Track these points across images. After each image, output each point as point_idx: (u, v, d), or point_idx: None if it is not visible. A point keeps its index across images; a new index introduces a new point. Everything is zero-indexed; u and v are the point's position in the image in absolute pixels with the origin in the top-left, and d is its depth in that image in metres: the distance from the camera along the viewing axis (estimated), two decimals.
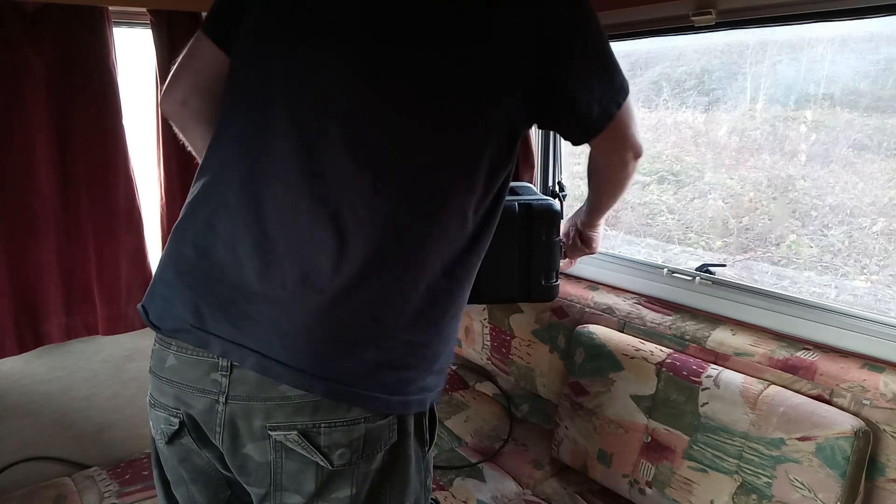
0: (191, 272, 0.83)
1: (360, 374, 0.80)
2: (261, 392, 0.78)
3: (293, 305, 0.78)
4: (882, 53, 1.42)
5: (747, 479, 1.31)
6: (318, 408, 0.78)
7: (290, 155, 0.80)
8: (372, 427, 0.81)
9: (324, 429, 0.79)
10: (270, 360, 0.77)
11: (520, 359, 1.97)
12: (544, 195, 1.53)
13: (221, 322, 0.80)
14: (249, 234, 0.80)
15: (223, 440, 0.82)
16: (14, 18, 1.34)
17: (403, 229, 0.81)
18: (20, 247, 1.44)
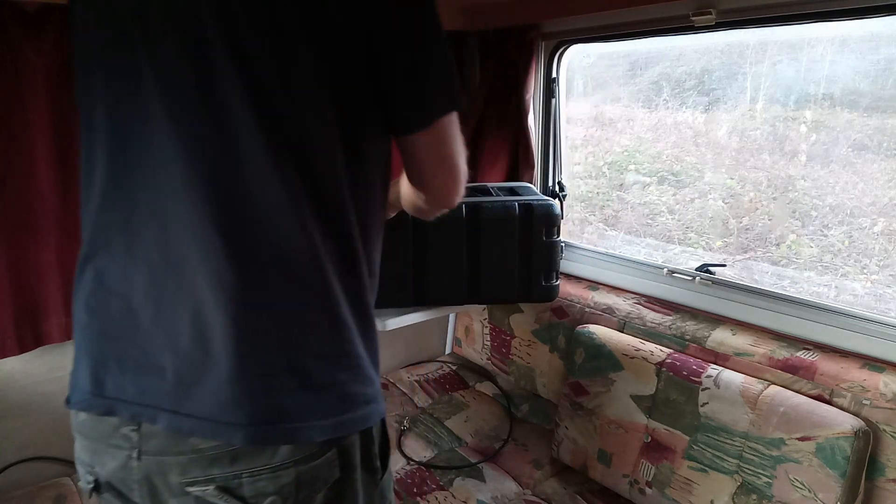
0: (87, 336, 0.77)
1: (281, 407, 0.71)
2: (172, 446, 0.72)
3: (200, 350, 0.71)
4: (882, 53, 1.42)
5: (747, 479, 1.31)
6: (237, 457, 0.70)
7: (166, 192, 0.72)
8: (304, 469, 0.73)
9: (246, 479, 0.71)
10: (182, 416, 0.71)
11: (520, 359, 1.97)
12: (544, 195, 1.54)
13: (123, 384, 0.74)
14: (140, 281, 0.73)
15: (142, 497, 0.76)
16: (14, 18, 1.34)
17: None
18: (20, 247, 1.44)
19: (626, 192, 2.06)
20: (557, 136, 1.97)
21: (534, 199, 1.45)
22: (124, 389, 0.74)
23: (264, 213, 0.70)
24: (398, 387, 2.09)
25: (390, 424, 1.86)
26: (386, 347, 2.25)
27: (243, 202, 0.70)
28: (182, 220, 0.70)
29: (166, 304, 0.72)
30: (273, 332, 0.71)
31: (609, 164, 2.12)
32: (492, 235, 1.43)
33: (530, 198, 1.47)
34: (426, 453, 1.74)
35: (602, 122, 2.11)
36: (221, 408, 0.70)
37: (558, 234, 1.44)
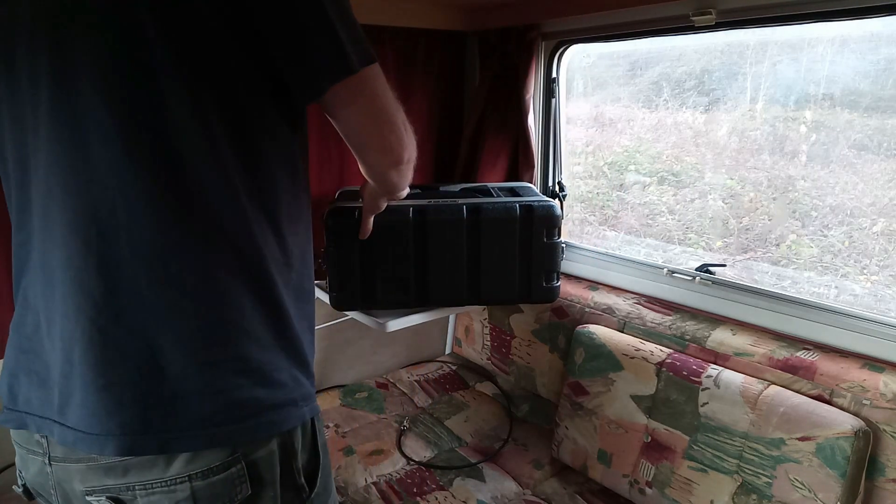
0: (9, 351, 0.78)
1: (154, 416, 0.67)
2: (71, 454, 0.71)
3: (67, 362, 0.70)
4: (882, 53, 1.42)
5: (747, 479, 1.31)
6: (129, 468, 0.68)
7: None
8: (202, 485, 0.68)
9: (139, 492, 0.68)
10: (66, 428, 0.70)
11: (520, 359, 1.97)
12: (545, 196, 1.53)
13: (30, 397, 0.75)
14: (43, 297, 0.72)
15: (59, 502, 0.76)
16: None
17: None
18: None
19: (626, 193, 2.06)
20: (557, 136, 1.97)
21: (534, 199, 1.45)
22: (30, 402, 0.74)
23: (125, 219, 0.67)
24: (398, 387, 2.09)
25: (390, 424, 1.86)
26: (386, 347, 2.27)
27: (102, 210, 0.67)
28: (52, 232, 0.70)
29: (51, 318, 0.71)
30: (137, 337, 0.67)
31: (609, 165, 2.12)
32: (492, 236, 1.42)
33: (531, 198, 1.46)
34: (426, 453, 1.74)
35: (602, 123, 2.11)
36: (90, 419, 0.68)
37: (559, 235, 1.44)
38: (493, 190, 1.57)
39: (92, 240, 0.67)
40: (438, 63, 2.05)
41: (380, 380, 2.12)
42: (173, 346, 0.68)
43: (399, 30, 1.90)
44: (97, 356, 0.67)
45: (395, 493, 1.56)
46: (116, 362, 0.68)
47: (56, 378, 0.71)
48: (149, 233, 0.67)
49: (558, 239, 1.44)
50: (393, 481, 1.61)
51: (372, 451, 1.73)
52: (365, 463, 1.68)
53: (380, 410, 1.94)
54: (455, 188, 1.61)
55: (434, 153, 2.10)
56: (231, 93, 0.68)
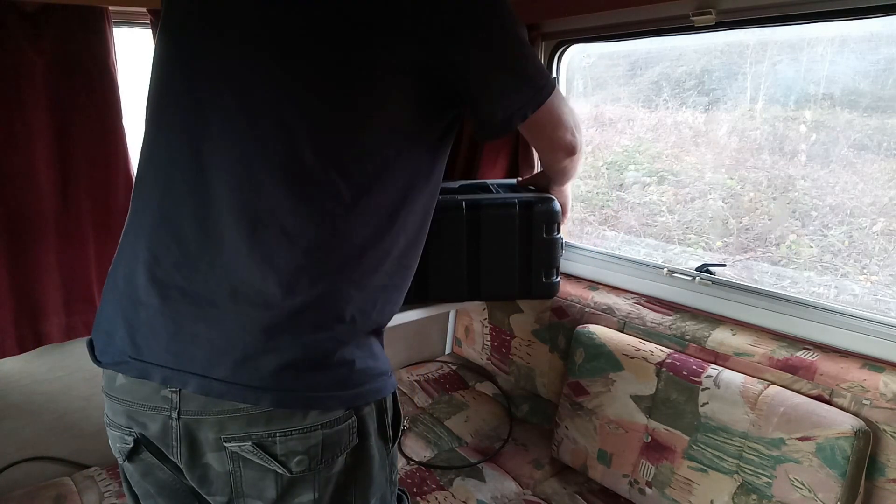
0: (122, 302, 0.83)
1: (306, 378, 0.79)
2: (212, 406, 0.78)
3: (225, 321, 0.78)
4: (882, 53, 1.42)
5: (747, 479, 1.31)
6: (272, 418, 0.78)
7: (199, 168, 0.81)
8: (330, 433, 0.81)
9: (279, 438, 0.79)
10: (211, 380, 0.77)
11: (520, 359, 1.97)
12: (545, 193, 1.54)
13: (157, 349, 0.80)
14: (169, 255, 0.80)
15: (181, 454, 0.82)
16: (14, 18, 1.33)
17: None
18: (20, 247, 1.44)
19: (626, 192, 2.06)
20: None
21: (534, 196, 1.46)
22: (158, 355, 0.80)
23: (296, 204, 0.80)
24: (398, 387, 2.09)
25: None
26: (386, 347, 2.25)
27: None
28: (226, 207, 0.80)
29: (196, 280, 0.80)
30: (307, 316, 0.79)
31: (609, 164, 2.12)
32: (492, 232, 1.43)
33: (530, 195, 1.47)
34: (426, 453, 1.74)
35: (602, 122, 2.11)
36: (251, 375, 0.78)
37: (558, 231, 1.45)
38: (492, 186, 1.58)
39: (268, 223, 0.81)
40: None
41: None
42: (330, 321, 0.81)
43: None
44: (267, 325, 0.78)
45: None
46: (282, 333, 0.79)
47: (207, 335, 0.79)
48: (318, 225, 0.81)
49: (558, 235, 1.44)
50: None
51: None
52: None
53: None
54: (454, 184, 1.60)
55: None
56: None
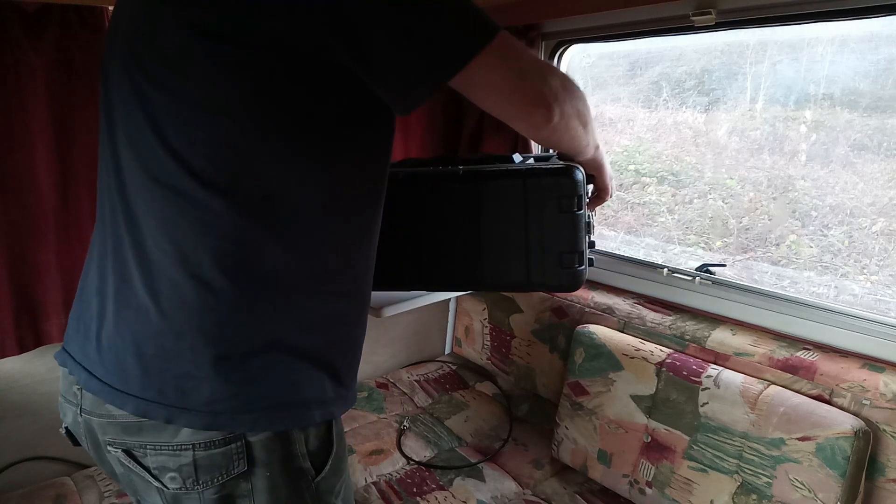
0: (77, 295, 0.86)
1: (180, 389, 0.74)
2: (96, 408, 0.78)
3: (111, 320, 0.77)
4: (882, 53, 1.42)
5: (747, 479, 1.31)
6: (142, 429, 0.75)
7: (113, 171, 0.78)
8: (203, 455, 0.75)
9: (150, 450, 0.76)
10: (93, 378, 0.77)
11: (520, 359, 1.97)
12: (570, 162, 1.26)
13: (75, 340, 0.82)
14: (97, 252, 0.81)
15: (89, 450, 0.84)
16: (14, 18, 1.34)
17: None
18: (20, 247, 1.44)
19: (626, 192, 2.06)
20: None
21: (549, 166, 1.22)
22: (74, 346, 0.82)
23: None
24: (398, 387, 2.09)
25: (390, 424, 1.86)
26: (386, 347, 2.27)
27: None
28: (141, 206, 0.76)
29: (103, 276, 0.79)
30: (182, 323, 0.73)
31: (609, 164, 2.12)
32: (493, 208, 1.23)
33: (546, 165, 1.24)
34: (426, 453, 1.74)
35: (602, 122, 2.11)
36: (120, 375, 0.75)
37: (579, 208, 1.16)
38: (515, 157, 1.36)
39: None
40: None
41: (380, 380, 2.12)
42: (199, 336, 0.74)
43: None
44: (144, 329, 0.75)
45: (395, 493, 1.56)
46: (158, 339, 0.74)
47: (100, 333, 0.78)
48: (223, 228, 0.74)
49: (579, 211, 1.15)
50: (393, 481, 1.61)
51: (372, 450, 1.73)
52: (365, 463, 1.68)
53: (380, 410, 1.94)
54: (475, 156, 1.41)
55: (434, 153, 2.10)
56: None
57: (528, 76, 0.74)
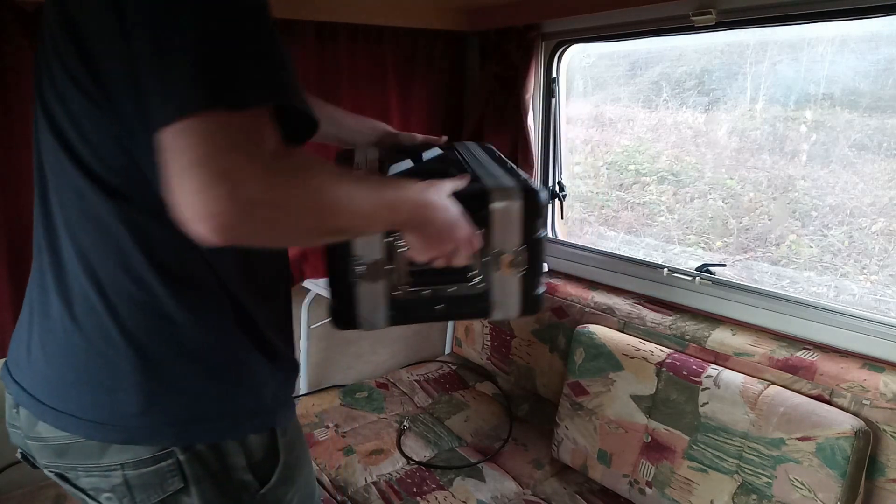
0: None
1: (95, 402, 0.71)
2: (30, 430, 0.76)
3: (36, 331, 0.75)
4: (882, 53, 1.42)
5: (747, 479, 1.31)
6: (70, 450, 0.73)
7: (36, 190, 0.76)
8: (133, 474, 0.72)
9: (81, 473, 0.74)
10: (23, 391, 0.75)
11: (520, 359, 1.97)
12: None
13: (13, 353, 0.80)
14: (34, 259, 0.78)
15: (46, 469, 0.80)
16: (14, 19, 1.34)
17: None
18: (21, 247, 1.44)
19: (626, 192, 2.06)
20: (557, 136, 1.98)
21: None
22: (11, 360, 0.80)
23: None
24: (398, 386, 2.09)
25: (390, 424, 1.86)
26: (386, 347, 2.27)
27: None
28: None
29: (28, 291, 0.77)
30: (94, 333, 0.70)
31: (609, 164, 2.12)
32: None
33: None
34: (426, 453, 1.74)
35: (602, 122, 2.11)
36: (44, 387, 0.73)
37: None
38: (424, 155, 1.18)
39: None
40: (438, 63, 2.05)
41: (380, 380, 2.12)
42: (111, 345, 0.71)
43: (399, 30, 1.90)
44: (61, 339, 0.72)
45: (395, 493, 1.56)
46: (77, 351, 0.72)
47: (28, 345, 0.76)
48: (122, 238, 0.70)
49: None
50: (393, 481, 1.61)
51: (372, 450, 1.73)
52: (365, 463, 1.68)
53: (380, 410, 1.94)
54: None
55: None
56: None
57: (214, 170, 0.54)
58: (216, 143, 0.54)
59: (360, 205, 0.65)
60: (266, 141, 0.57)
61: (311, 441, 1.77)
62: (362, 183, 0.67)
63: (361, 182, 0.67)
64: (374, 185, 0.70)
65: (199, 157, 0.53)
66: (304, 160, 0.61)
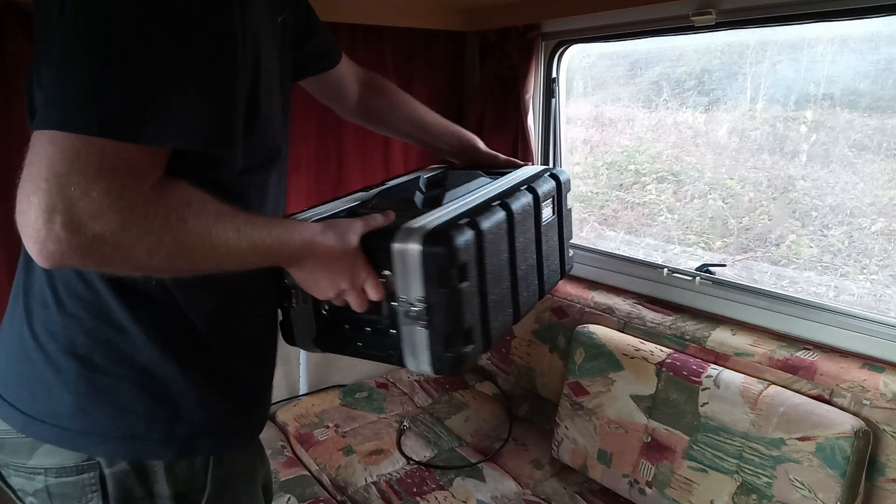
0: None
1: (31, 393, 0.70)
2: None
3: (4, 322, 0.77)
4: (882, 53, 1.42)
5: (747, 479, 1.31)
6: (3, 446, 0.72)
7: None
8: (54, 482, 0.70)
9: (12, 470, 0.73)
10: None
11: (520, 359, 1.97)
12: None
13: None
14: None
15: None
16: (14, 19, 1.34)
17: None
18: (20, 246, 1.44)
19: (626, 192, 2.06)
20: (557, 136, 1.98)
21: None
22: None
23: None
24: (398, 386, 2.09)
25: (390, 424, 1.86)
26: None
27: None
28: None
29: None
30: (34, 328, 0.70)
31: (609, 164, 2.12)
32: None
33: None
34: (426, 453, 1.74)
35: (602, 122, 2.11)
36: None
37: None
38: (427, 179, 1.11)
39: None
40: (438, 63, 2.05)
41: (380, 380, 2.12)
42: (50, 339, 0.70)
43: (399, 30, 1.90)
44: (18, 333, 0.72)
45: (395, 493, 1.56)
46: (26, 344, 0.71)
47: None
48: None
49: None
50: (393, 481, 1.61)
51: (372, 450, 1.73)
52: (365, 462, 1.68)
53: (380, 410, 1.94)
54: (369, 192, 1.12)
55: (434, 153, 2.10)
56: None
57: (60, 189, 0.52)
58: (82, 169, 0.51)
59: (230, 246, 0.62)
60: (144, 177, 0.54)
61: (311, 441, 1.78)
62: (241, 223, 0.64)
63: (240, 222, 0.63)
64: (256, 225, 0.66)
65: (58, 175, 0.51)
66: (181, 199, 0.58)
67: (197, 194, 0.61)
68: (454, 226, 0.86)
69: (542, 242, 1.12)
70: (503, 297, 1.01)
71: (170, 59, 0.54)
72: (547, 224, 1.14)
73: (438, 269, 0.82)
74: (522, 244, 1.04)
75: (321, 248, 0.75)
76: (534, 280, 1.12)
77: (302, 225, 0.74)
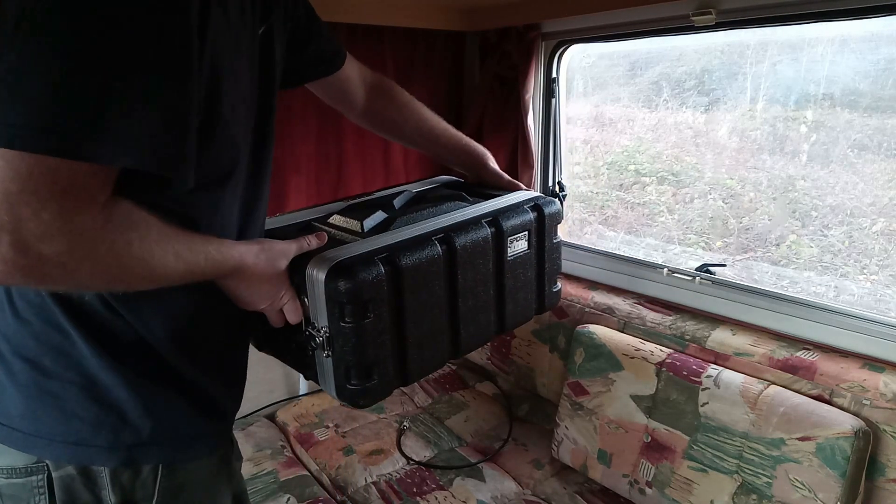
0: None
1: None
2: None
3: None
4: (882, 53, 1.42)
5: (747, 479, 1.31)
6: None
7: None
8: (4, 483, 0.70)
9: None
10: None
11: (520, 359, 1.97)
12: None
13: None
14: None
15: None
16: None
17: None
18: None
19: (626, 192, 2.06)
20: (557, 136, 1.98)
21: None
22: None
23: None
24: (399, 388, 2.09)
25: (390, 423, 1.86)
26: None
27: None
28: None
29: None
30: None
31: (609, 164, 2.12)
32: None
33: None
34: (426, 453, 1.74)
35: (602, 123, 2.11)
36: None
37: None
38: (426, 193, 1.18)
39: None
40: (438, 63, 2.05)
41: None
42: (14, 347, 0.70)
43: (399, 30, 1.90)
44: None
45: (395, 493, 1.56)
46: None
47: None
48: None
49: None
50: (393, 481, 1.61)
51: (372, 450, 1.73)
52: (365, 462, 1.68)
53: (380, 410, 1.94)
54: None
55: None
56: None
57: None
58: (34, 188, 0.51)
59: (167, 269, 0.64)
60: (94, 198, 0.55)
61: (311, 441, 1.78)
62: (180, 247, 0.65)
63: (179, 246, 0.65)
64: (193, 247, 0.68)
65: (8, 194, 0.50)
66: (128, 223, 0.60)
67: (143, 217, 0.61)
68: (367, 260, 0.86)
69: (503, 278, 1.08)
70: (435, 333, 0.98)
71: (123, 78, 0.53)
72: (516, 259, 1.10)
73: (339, 303, 0.83)
74: (470, 281, 1.01)
75: (250, 271, 0.78)
76: (488, 316, 1.08)
77: (238, 247, 0.75)
